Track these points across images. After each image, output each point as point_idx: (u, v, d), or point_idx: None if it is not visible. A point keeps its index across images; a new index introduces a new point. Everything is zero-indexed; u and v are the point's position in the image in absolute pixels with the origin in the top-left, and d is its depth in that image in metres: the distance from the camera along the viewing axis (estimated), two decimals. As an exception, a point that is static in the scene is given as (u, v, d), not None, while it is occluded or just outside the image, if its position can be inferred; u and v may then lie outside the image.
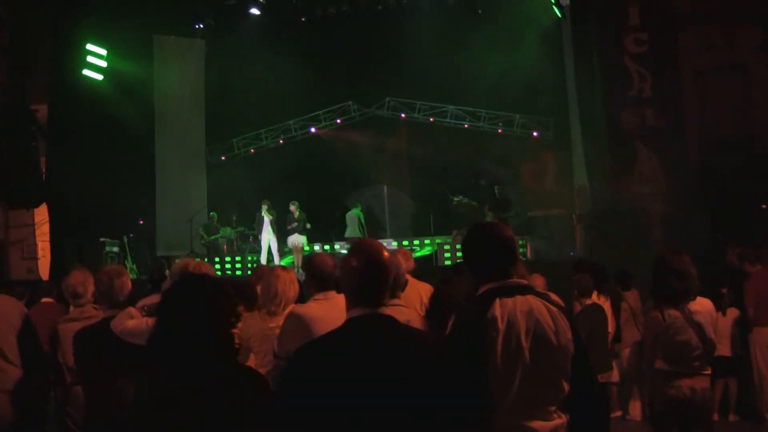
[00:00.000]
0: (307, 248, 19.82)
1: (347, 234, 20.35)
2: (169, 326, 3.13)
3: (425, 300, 6.57)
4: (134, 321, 4.86)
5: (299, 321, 5.02)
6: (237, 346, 3.18)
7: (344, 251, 21.18)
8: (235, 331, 3.16)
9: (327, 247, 22.12)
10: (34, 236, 17.14)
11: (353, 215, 20.32)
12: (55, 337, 6.54)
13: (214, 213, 21.33)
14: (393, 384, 2.86)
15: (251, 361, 5.63)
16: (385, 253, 3.17)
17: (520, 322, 3.35)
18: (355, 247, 3.24)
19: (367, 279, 3.09)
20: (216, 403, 2.98)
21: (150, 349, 3.20)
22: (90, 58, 19.00)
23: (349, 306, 3.12)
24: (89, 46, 18.87)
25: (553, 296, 4.86)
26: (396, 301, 4.82)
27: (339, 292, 3.30)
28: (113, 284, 5.21)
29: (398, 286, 4.96)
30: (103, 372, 4.87)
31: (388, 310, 3.14)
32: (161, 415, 2.98)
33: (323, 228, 22.14)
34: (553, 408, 3.43)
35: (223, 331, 3.12)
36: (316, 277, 5.29)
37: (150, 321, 4.79)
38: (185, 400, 2.97)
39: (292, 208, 19.32)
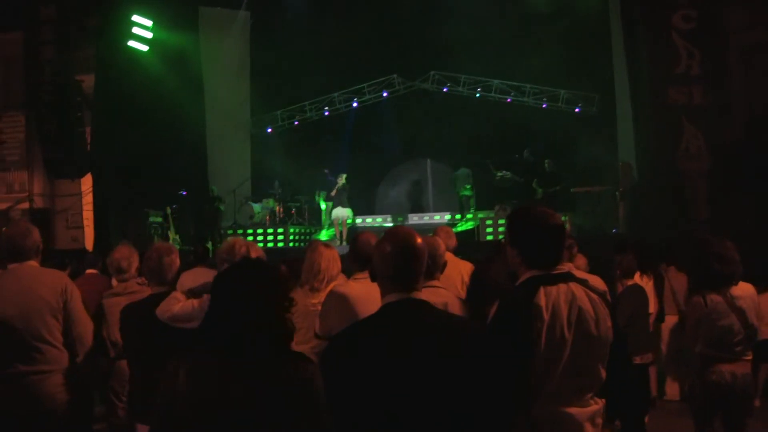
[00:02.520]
0: (350, 221, 19.83)
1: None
2: (222, 312, 3.06)
3: (467, 279, 6.56)
4: (180, 305, 4.88)
5: (341, 300, 5.05)
6: (291, 331, 3.10)
7: (388, 224, 21.26)
8: (288, 315, 3.09)
9: (369, 220, 22.17)
10: (81, 205, 17.26)
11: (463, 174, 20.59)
12: (100, 310, 6.59)
13: (213, 187, 21.24)
14: (428, 369, 2.91)
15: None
16: (419, 239, 3.20)
17: (563, 311, 3.35)
18: (389, 233, 3.28)
19: (402, 264, 3.13)
20: (267, 391, 2.94)
21: (202, 334, 3.12)
22: (135, 30, 19.08)
23: (385, 292, 3.16)
24: (135, 18, 18.94)
25: (594, 280, 4.87)
26: (434, 282, 4.80)
27: (373, 280, 3.29)
28: (162, 262, 5.27)
29: (437, 268, 4.95)
30: (149, 348, 4.94)
31: (425, 292, 3.17)
32: (212, 402, 2.94)
33: (365, 201, 22.19)
34: (590, 395, 3.44)
35: (276, 317, 3.05)
36: (358, 255, 5.32)
37: (196, 303, 4.85)
38: (237, 387, 2.93)
39: (340, 180, 19.35)
